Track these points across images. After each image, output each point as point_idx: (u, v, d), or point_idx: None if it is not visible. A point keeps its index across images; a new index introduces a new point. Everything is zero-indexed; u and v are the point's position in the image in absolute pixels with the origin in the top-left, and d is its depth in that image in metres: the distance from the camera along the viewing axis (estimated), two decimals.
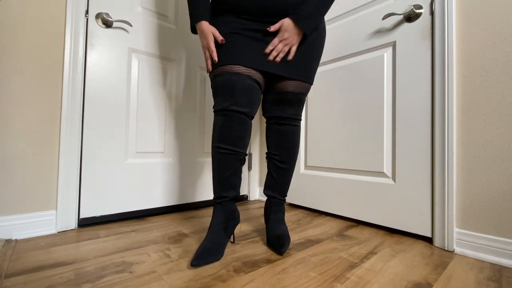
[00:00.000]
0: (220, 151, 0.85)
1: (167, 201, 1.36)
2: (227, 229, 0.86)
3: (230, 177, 0.86)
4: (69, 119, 1.06)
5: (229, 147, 0.84)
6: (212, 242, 0.80)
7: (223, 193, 0.87)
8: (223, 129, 0.84)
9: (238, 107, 0.82)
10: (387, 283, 0.68)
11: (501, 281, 0.71)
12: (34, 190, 0.99)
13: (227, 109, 0.82)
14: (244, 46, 0.83)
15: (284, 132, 0.96)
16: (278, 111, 0.95)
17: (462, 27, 0.93)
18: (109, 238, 0.97)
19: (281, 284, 0.66)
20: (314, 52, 0.91)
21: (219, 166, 0.86)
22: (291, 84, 0.91)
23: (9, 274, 0.68)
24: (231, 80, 0.81)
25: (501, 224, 0.84)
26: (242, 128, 0.85)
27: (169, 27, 1.37)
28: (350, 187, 1.25)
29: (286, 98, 0.92)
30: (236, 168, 0.87)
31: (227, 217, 0.86)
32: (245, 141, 0.87)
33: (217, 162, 0.86)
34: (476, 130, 0.89)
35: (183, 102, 1.42)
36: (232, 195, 0.88)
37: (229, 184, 0.87)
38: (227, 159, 0.85)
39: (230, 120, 0.83)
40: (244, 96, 0.82)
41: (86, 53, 1.11)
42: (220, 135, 0.84)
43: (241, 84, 0.82)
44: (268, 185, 1.01)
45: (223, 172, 0.86)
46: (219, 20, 0.87)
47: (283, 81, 0.90)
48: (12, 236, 0.94)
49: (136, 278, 0.68)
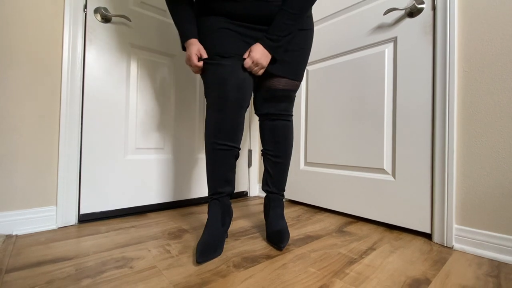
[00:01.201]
0: (216, 147, 0.85)
1: (167, 197, 1.36)
2: (225, 224, 0.86)
3: (227, 173, 0.87)
4: (68, 115, 1.05)
5: (226, 143, 0.85)
6: (213, 238, 0.80)
7: (220, 189, 0.87)
8: (218, 124, 0.84)
9: (232, 99, 0.82)
10: (386, 279, 0.68)
11: (499, 277, 0.71)
12: (34, 186, 0.99)
13: (221, 102, 0.82)
14: (236, 38, 0.85)
15: (276, 127, 0.97)
16: (269, 108, 0.96)
17: (464, 23, 0.92)
18: (109, 234, 0.97)
19: (281, 279, 0.67)
20: (302, 51, 0.93)
21: (215, 162, 0.86)
22: (280, 82, 0.92)
23: (10, 269, 0.69)
24: (223, 71, 0.82)
25: (500, 221, 0.84)
26: (237, 120, 0.85)
27: (168, 22, 1.36)
28: (349, 184, 1.26)
29: (276, 95, 0.94)
30: (232, 163, 0.88)
31: (224, 213, 0.87)
32: (240, 135, 0.88)
33: (213, 158, 0.86)
34: (477, 126, 0.89)
35: (183, 98, 1.42)
36: (228, 190, 0.89)
37: (226, 180, 0.88)
38: (223, 155, 0.86)
39: (224, 113, 0.83)
40: (236, 88, 0.82)
41: (85, 49, 1.10)
42: (215, 131, 0.84)
43: (234, 75, 0.82)
44: (265, 181, 1.01)
45: (219, 169, 0.86)
46: (211, 17, 0.86)
47: (273, 79, 0.92)
48: (12, 232, 0.94)
49: (136, 273, 0.68)
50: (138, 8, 1.25)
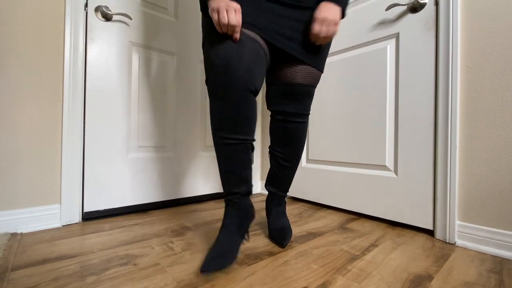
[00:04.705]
0: (226, 142, 0.73)
1: (170, 195, 1.37)
2: (241, 228, 0.76)
3: (241, 170, 0.76)
4: (70, 113, 1.06)
5: (236, 136, 0.72)
6: (224, 246, 0.71)
7: (235, 189, 0.76)
8: (225, 114, 0.70)
9: (240, 83, 0.68)
10: (388, 275, 0.69)
11: (502, 273, 0.71)
12: (38, 185, 1.00)
13: (226, 88, 0.68)
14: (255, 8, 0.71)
15: (291, 130, 0.87)
16: (285, 106, 0.85)
17: (467, 18, 0.91)
18: (113, 232, 0.98)
19: (283, 276, 0.67)
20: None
21: (226, 159, 0.75)
22: (299, 73, 0.80)
23: (15, 267, 0.70)
24: (231, 48, 0.67)
25: (502, 217, 0.83)
26: (248, 109, 0.71)
27: (169, 20, 1.35)
28: (352, 181, 1.26)
29: (294, 92, 0.83)
30: (246, 159, 0.76)
31: (241, 216, 0.77)
32: (252, 125, 0.75)
33: (224, 155, 0.75)
34: (479, 123, 0.89)
35: (184, 95, 1.42)
36: (244, 190, 0.78)
37: (240, 178, 0.76)
38: (234, 150, 0.73)
39: (231, 101, 0.69)
40: (245, 68, 0.67)
41: (86, 47, 1.10)
42: (222, 122, 0.72)
43: (245, 51, 0.68)
44: (270, 181, 0.97)
45: (232, 166, 0.75)
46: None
47: (291, 68, 0.80)
48: (17, 230, 0.95)
49: (140, 270, 0.69)
50: (139, 6, 1.25)
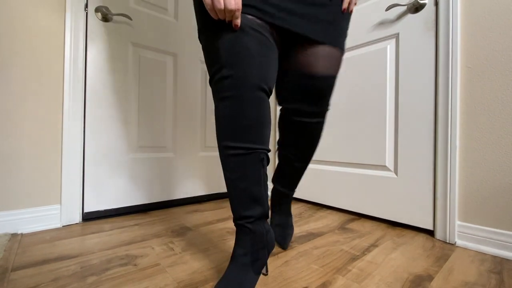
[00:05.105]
0: (231, 153, 0.59)
1: (170, 195, 1.37)
2: (257, 261, 0.60)
3: (252, 187, 0.59)
4: (71, 114, 1.06)
5: (246, 145, 0.58)
6: (231, 285, 0.55)
7: (245, 212, 0.60)
8: (232, 119, 0.58)
9: (250, 81, 0.56)
10: (388, 275, 0.69)
11: (502, 273, 0.71)
12: (38, 185, 1.00)
13: (232, 88, 0.56)
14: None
15: (309, 131, 0.74)
16: (302, 104, 0.70)
17: (467, 18, 0.92)
18: (113, 232, 0.98)
19: (284, 276, 0.67)
20: (347, 19, 0.69)
21: (232, 174, 0.60)
22: (318, 60, 0.65)
23: (15, 267, 0.70)
24: (236, 39, 0.55)
25: (502, 217, 0.84)
26: (260, 112, 0.59)
27: (169, 20, 1.35)
28: (352, 181, 1.26)
29: (313, 86, 0.67)
30: (258, 173, 0.60)
31: (256, 245, 0.60)
32: (265, 130, 0.61)
33: (229, 168, 0.60)
34: (479, 123, 0.89)
35: (184, 95, 1.42)
36: (258, 213, 0.61)
37: (252, 197, 0.60)
38: (243, 162, 0.59)
39: (240, 102, 0.57)
40: (254, 64, 0.56)
41: (87, 48, 1.10)
42: (227, 128, 0.59)
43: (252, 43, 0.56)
44: (278, 179, 0.88)
45: (239, 182, 0.59)
46: None
47: (306, 52, 0.65)
48: (17, 230, 0.95)
49: (140, 270, 0.69)
50: (139, 6, 1.25)
